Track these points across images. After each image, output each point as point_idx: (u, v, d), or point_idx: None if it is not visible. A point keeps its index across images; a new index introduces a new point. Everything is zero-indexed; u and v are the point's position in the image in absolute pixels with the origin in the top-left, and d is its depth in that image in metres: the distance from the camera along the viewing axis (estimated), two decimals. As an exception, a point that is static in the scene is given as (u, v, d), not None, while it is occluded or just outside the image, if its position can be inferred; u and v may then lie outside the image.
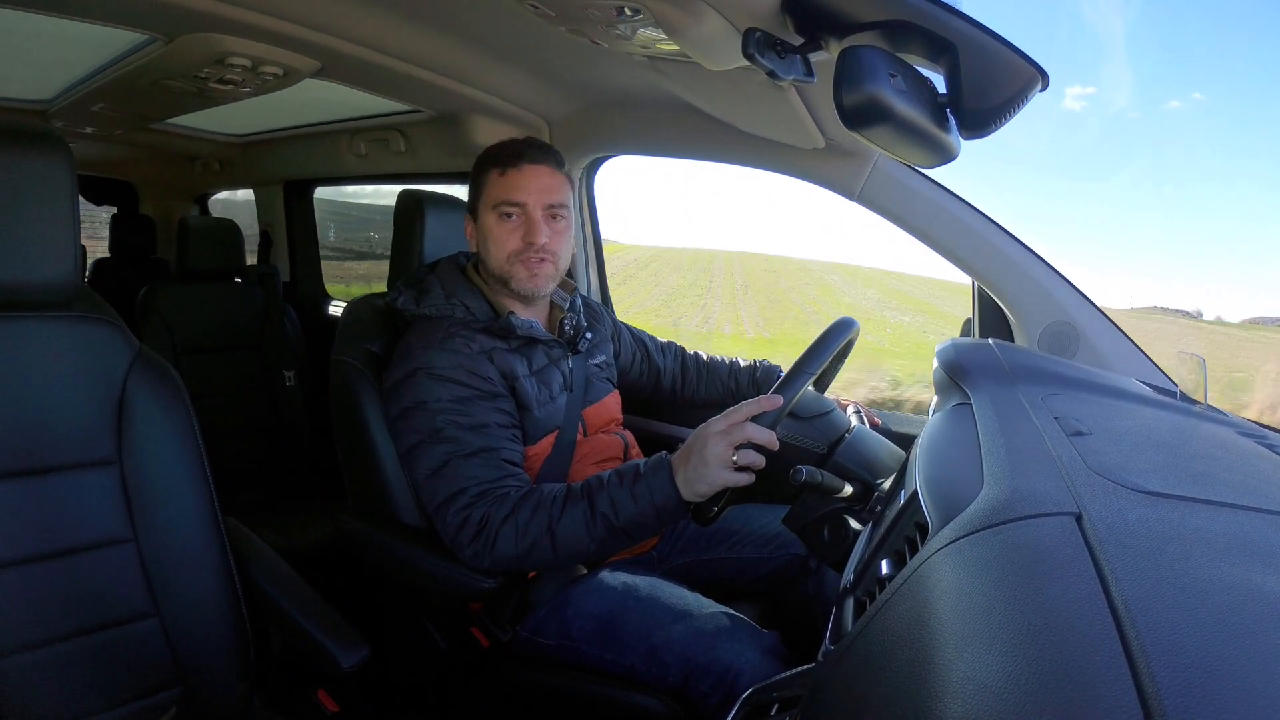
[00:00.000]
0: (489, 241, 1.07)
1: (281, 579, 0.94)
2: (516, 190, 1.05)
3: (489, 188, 1.07)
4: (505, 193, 1.05)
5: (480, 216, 1.09)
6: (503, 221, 1.06)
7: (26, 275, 0.78)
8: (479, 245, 1.10)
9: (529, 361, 1.08)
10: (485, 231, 1.07)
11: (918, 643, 0.37)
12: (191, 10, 1.03)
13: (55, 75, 1.58)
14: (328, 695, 0.92)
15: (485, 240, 1.08)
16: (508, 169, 1.06)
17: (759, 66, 0.65)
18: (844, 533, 0.84)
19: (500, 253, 1.06)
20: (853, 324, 1.05)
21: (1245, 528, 0.43)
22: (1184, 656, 0.29)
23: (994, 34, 0.63)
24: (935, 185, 1.19)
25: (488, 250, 1.08)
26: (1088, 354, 1.15)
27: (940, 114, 0.65)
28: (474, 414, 0.98)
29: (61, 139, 0.80)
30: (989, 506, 0.46)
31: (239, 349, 2.08)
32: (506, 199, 1.05)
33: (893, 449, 1.01)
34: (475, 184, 1.10)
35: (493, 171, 1.07)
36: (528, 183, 1.05)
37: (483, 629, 1.03)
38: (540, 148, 1.08)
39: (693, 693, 0.92)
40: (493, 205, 1.06)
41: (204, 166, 2.59)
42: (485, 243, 1.08)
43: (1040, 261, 1.18)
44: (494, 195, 1.06)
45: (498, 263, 1.07)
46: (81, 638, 0.82)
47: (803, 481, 0.80)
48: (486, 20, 1.09)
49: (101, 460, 0.84)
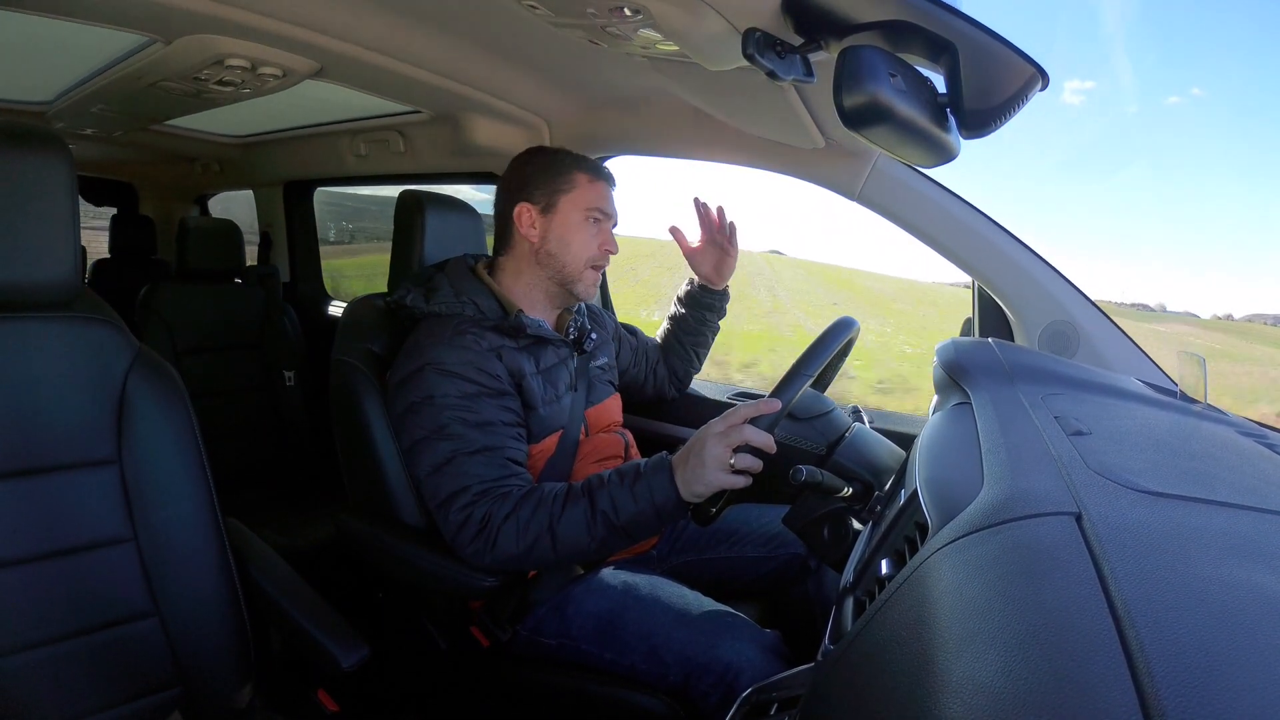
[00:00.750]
0: (571, 239, 1.09)
1: (281, 579, 0.94)
2: (607, 201, 1.10)
3: (580, 190, 1.09)
4: (601, 201, 1.10)
5: (561, 213, 1.09)
6: (592, 225, 1.10)
7: (26, 275, 0.78)
8: (549, 239, 1.10)
9: (537, 360, 1.08)
10: (568, 229, 1.09)
11: (917, 643, 0.37)
12: (190, 12, 1.02)
13: (55, 76, 1.58)
14: (328, 695, 0.92)
15: (566, 237, 1.09)
16: (598, 179, 1.10)
17: (759, 67, 0.65)
18: (844, 532, 0.84)
19: (582, 254, 1.09)
20: (852, 324, 1.05)
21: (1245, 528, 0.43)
22: (1184, 656, 0.29)
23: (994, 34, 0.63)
24: (935, 185, 1.19)
25: (566, 247, 1.09)
26: (1088, 354, 1.15)
27: (940, 114, 0.65)
28: (480, 411, 0.98)
29: (61, 140, 0.80)
30: (989, 506, 0.46)
31: (239, 349, 2.08)
32: (602, 208, 1.10)
33: (893, 449, 1.01)
34: (555, 178, 1.10)
35: (581, 175, 1.10)
36: (611, 198, 1.11)
37: (483, 628, 1.03)
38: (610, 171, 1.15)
39: (693, 692, 0.92)
40: (586, 207, 1.09)
41: (204, 167, 2.59)
42: (565, 239, 1.09)
43: (1040, 261, 1.18)
44: (588, 199, 1.09)
45: (575, 262, 1.09)
46: (81, 637, 0.82)
47: (803, 481, 0.81)
48: (486, 21, 1.09)
49: (101, 460, 0.84)
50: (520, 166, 1.13)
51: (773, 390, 0.92)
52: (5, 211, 0.76)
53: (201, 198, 2.94)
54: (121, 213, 2.97)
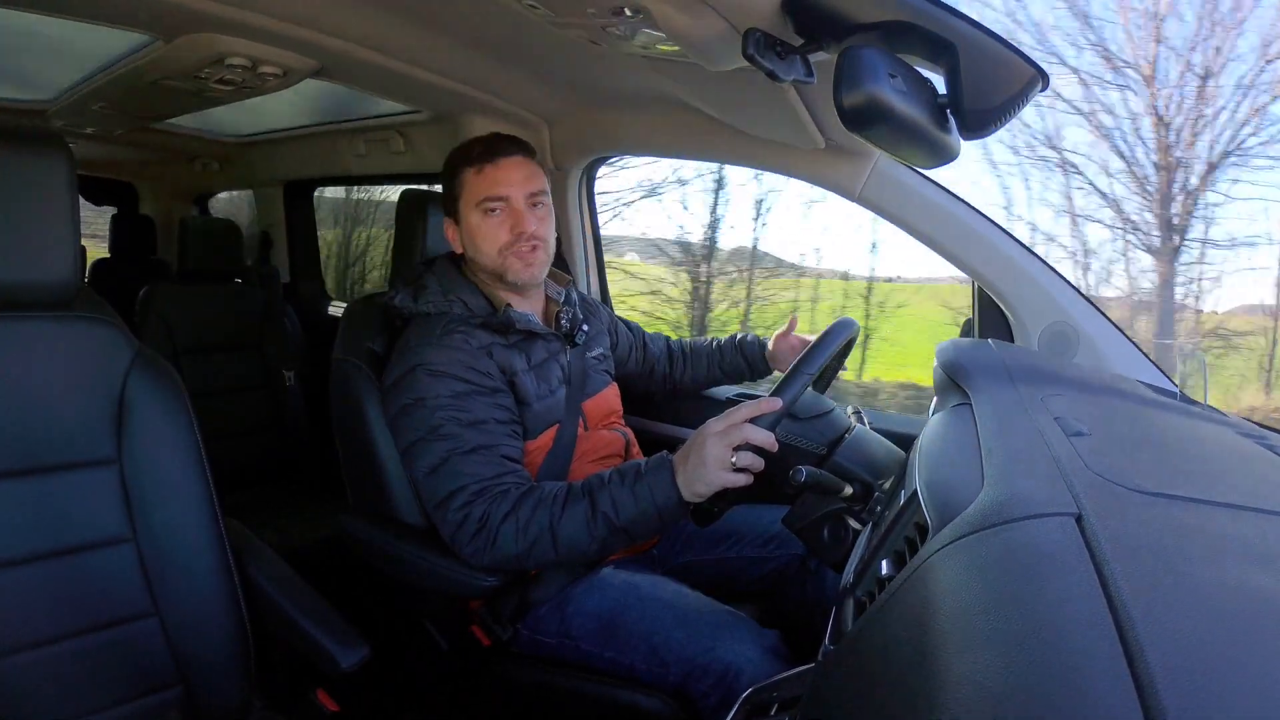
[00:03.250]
0: (477, 239, 1.07)
1: (281, 579, 0.94)
2: (497, 185, 1.06)
3: (468, 187, 1.07)
4: (487, 188, 1.06)
5: (463, 216, 1.09)
6: (488, 217, 1.06)
7: (26, 275, 0.78)
8: (466, 245, 1.10)
9: (528, 356, 1.08)
10: (471, 230, 1.08)
11: (917, 643, 0.37)
12: (191, 10, 1.02)
13: (55, 75, 1.59)
14: (327, 695, 0.92)
15: (473, 238, 1.08)
16: (484, 165, 1.07)
17: (759, 67, 0.65)
18: (844, 533, 0.84)
19: (491, 248, 1.07)
20: (852, 324, 1.05)
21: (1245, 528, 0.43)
22: (1184, 657, 0.29)
23: (994, 34, 0.63)
24: (935, 185, 1.19)
25: (477, 248, 1.08)
26: (1088, 354, 1.15)
27: (940, 114, 0.65)
28: (473, 410, 0.98)
29: (61, 139, 0.80)
30: (989, 507, 0.46)
31: (239, 349, 2.08)
32: (489, 194, 1.06)
33: (892, 449, 1.01)
34: (450, 185, 1.10)
35: (467, 170, 1.07)
36: (506, 175, 1.06)
37: (483, 628, 1.03)
38: (511, 140, 1.09)
39: (693, 691, 0.92)
40: (476, 203, 1.06)
41: (204, 167, 2.59)
42: (474, 241, 1.08)
43: (1040, 262, 1.18)
44: (475, 193, 1.07)
45: (490, 258, 1.07)
46: (81, 637, 0.82)
47: (803, 482, 0.81)
48: (486, 20, 1.09)
49: (101, 460, 0.84)
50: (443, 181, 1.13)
51: (774, 390, 0.92)
52: (5, 211, 0.76)
53: (201, 198, 2.94)
54: (121, 213, 2.97)
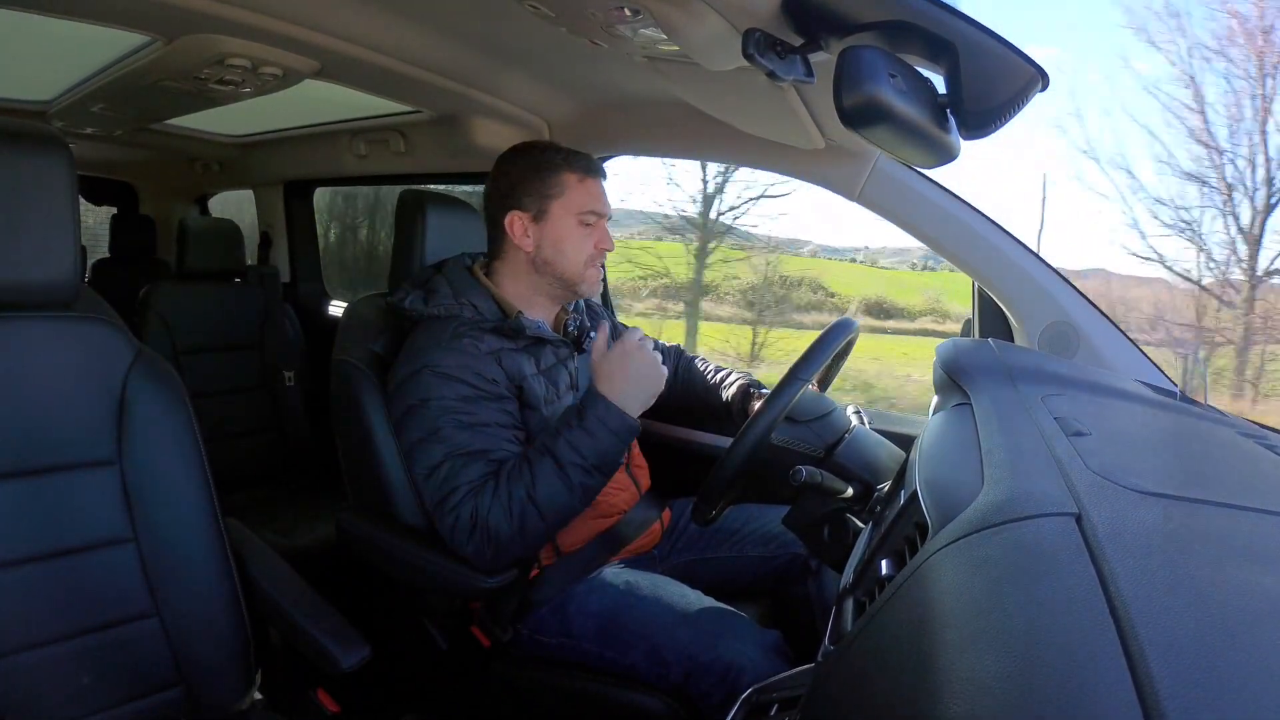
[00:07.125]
0: (566, 245, 1.07)
1: (281, 579, 0.94)
2: (599, 200, 1.09)
3: (570, 192, 1.07)
4: (591, 202, 1.08)
5: (553, 217, 1.07)
6: (584, 228, 1.08)
7: (26, 275, 0.78)
8: (543, 245, 1.08)
9: (537, 361, 1.08)
10: (560, 234, 1.07)
11: (918, 643, 0.37)
12: (191, 11, 1.02)
13: (55, 76, 1.58)
14: (327, 695, 0.92)
15: (559, 243, 1.07)
16: (587, 177, 1.08)
17: (759, 67, 0.65)
18: (844, 533, 0.85)
19: (579, 257, 1.08)
20: (851, 325, 1.05)
21: (1245, 528, 0.43)
22: (1183, 656, 0.29)
23: (994, 34, 0.63)
24: (935, 185, 1.19)
25: (562, 253, 1.08)
26: (1088, 354, 1.15)
27: (940, 114, 0.65)
28: (477, 414, 0.98)
29: (61, 139, 0.80)
30: (989, 507, 0.46)
31: (239, 349, 2.07)
32: (594, 208, 1.08)
33: (892, 449, 1.01)
34: (542, 182, 1.07)
35: (570, 176, 1.07)
36: (603, 193, 1.11)
37: (483, 628, 1.03)
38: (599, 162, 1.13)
39: (694, 691, 0.92)
40: (577, 211, 1.07)
41: (204, 167, 2.58)
42: (559, 246, 1.07)
43: (1040, 261, 1.18)
44: (579, 202, 1.07)
45: (573, 266, 1.08)
46: (81, 638, 0.82)
47: (803, 482, 0.81)
48: (486, 21, 1.09)
49: (101, 460, 0.84)
50: (507, 170, 1.09)
51: (767, 397, 0.92)
52: (5, 211, 0.76)
53: (201, 198, 2.94)
54: (121, 213, 2.97)
